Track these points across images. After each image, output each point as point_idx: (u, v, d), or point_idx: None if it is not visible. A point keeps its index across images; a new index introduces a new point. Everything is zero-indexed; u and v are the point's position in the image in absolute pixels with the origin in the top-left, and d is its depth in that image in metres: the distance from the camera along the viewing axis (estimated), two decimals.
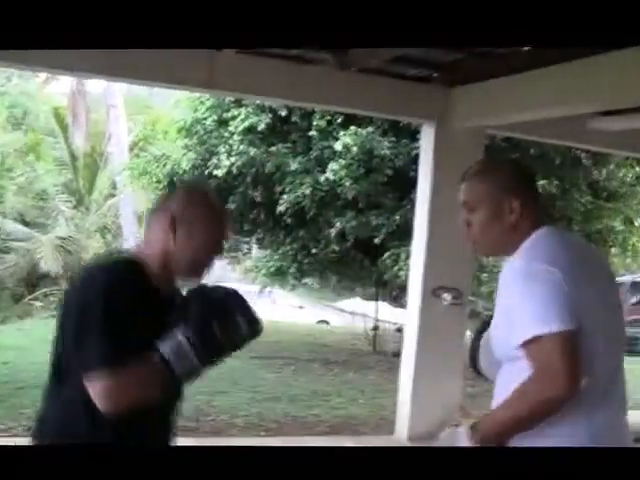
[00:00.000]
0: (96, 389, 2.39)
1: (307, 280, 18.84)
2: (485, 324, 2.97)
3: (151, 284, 2.61)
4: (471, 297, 26.16)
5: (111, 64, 6.50)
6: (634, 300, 21.91)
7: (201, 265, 2.70)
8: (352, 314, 21.81)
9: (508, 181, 2.79)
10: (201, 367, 2.51)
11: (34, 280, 22.93)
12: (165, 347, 2.44)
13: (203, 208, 2.65)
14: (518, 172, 2.90)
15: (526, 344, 2.48)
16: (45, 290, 22.61)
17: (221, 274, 30.55)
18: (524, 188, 2.81)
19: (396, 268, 11.55)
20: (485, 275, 19.04)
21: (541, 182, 11.48)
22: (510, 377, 2.60)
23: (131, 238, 20.72)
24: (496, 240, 2.80)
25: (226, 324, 2.51)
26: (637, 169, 13.14)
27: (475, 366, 3.05)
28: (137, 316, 2.47)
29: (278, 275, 13.40)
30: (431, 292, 7.91)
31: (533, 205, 2.78)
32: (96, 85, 25.07)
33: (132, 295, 2.49)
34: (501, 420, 2.59)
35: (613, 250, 14.04)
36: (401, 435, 8.14)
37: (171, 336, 2.45)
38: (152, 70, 6.82)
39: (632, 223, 13.65)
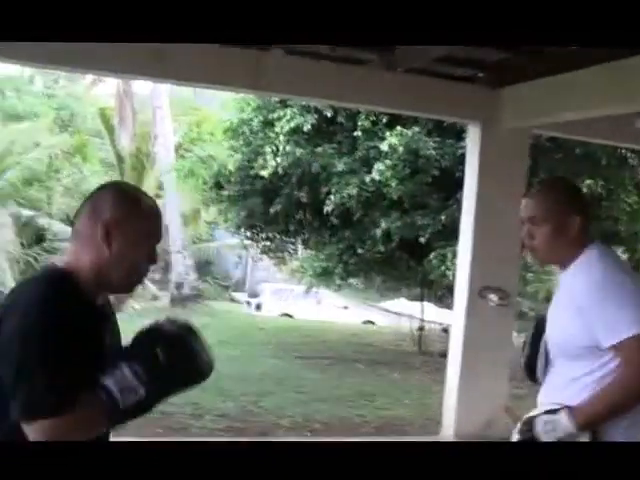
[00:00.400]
0: (38, 434, 2.17)
1: (352, 280, 18.85)
2: (538, 332, 3.29)
3: (85, 299, 2.35)
4: (517, 298, 25.95)
5: (158, 66, 6.54)
6: None
7: (139, 275, 2.50)
8: (398, 314, 21.76)
9: (570, 199, 3.21)
10: (150, 399, 2.29)
11: None
12: (110, 381, 2.24)
13: (138, 215, 2.42)
14: (577, 190, 3.41)
15: (621, 343, 2.89)
16: None
17: (267, 275, 30.67)
18: (583, 205, 3.25)
19: (442, 268, 11.51)
20: (530, 275, 18.93)
21: (587, 182, 11.39)
22: (572, 373, 3.05)
23: (178, 239, 20.80)
24: (557, 251, 3.18)
25: (173, 353, 2.30)
26: None
27: (533, 373, 3.28)
28: (75, 337, 2.22)
29: (324, 275, 13.42)
30: (477, 293, 7.86)
31: (588, 221, 3.18)
32: (142, 86, 25.21)
33: (68, 314, 2.25)
34: (601, 405, 2.94)
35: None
36: (447, 435, 8.10)
37: (116, 370, 2.25)
38: (199, 71, 6.85)
39: None
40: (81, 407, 2.17)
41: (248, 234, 14.52)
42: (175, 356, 2.30)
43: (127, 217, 2.37)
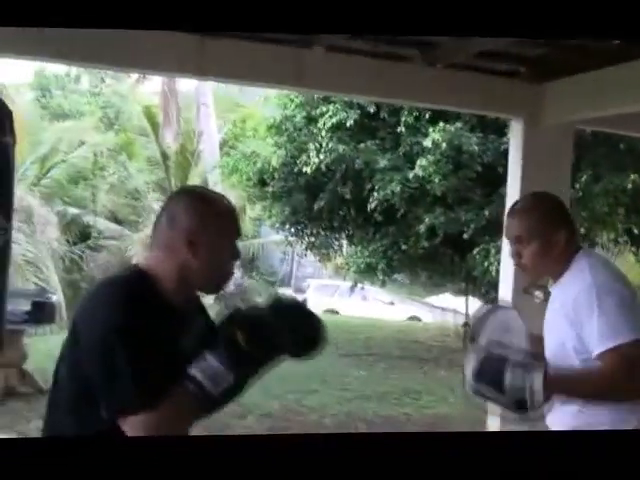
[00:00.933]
0: (134, 430, 2.21)
1: (397, 276, 18.77)
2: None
3: (166, 301, 2.40)
4: None
5: (200, 64, 6.54)
6: None
7: (226, 274, 2.53)
8: (443, 310, 21.68)
9: (554, 214, 3.28)
10: (240, 383, 2.35)
11: None
12: (196, 371, 2.27)
13: (215, 216, 2.45)
14: (559, 204, 3.41)
15: (607, 352, 2.94)
16: None
17: (313, 271, 30.71)
18: (567, 219, 3.33)
19: (486, 264, 11.43)
20: None
21: (631, 177, 11.24)
22: None
23: None
24: (546, 267, 3.23)
25: (253, 335, 2.32)
26: None
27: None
28: (158, 337, 2.28)
29: (368, 271, 13.39)
30: (522, 289, 7.79)
31: (573, 232, 3.27)
32: (187, 84, 25.34)
33: (147, 314, 2.31)
34: (580, 378, 3.05)
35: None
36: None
37: (200, 358, 2.29)
38: (241, 68, 6.85)
39: None
40: (171, 399, 2.21)
41: (292, 230, 14.51)
42: (256, 337, 2.31)
43: (205, 222, 2.41)
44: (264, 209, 15.26)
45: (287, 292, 30.18)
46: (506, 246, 4.10)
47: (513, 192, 8.14)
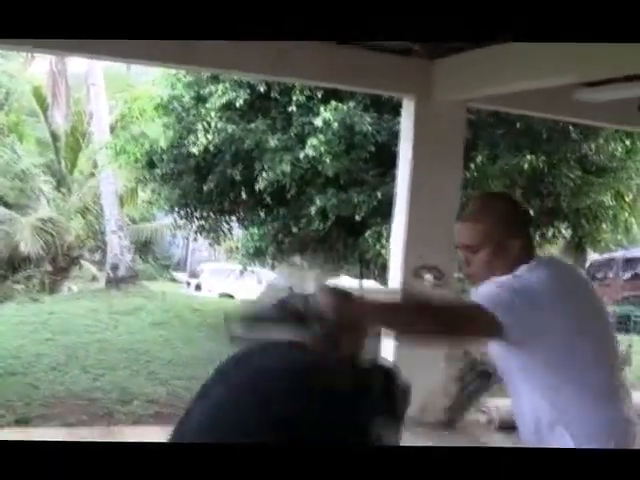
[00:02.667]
0: None
1: (295, 259, 18.59)
2: None
3: None
4: (460, 275, 26.04)
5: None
6: (627, 276, 21.85)
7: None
8: None
9: (506, 221, 3.01)
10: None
11: (16, 263, 22.64)
12: None
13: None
14: (513, 209, 3.14)
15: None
16: (27, 273, 22.35)
17: (209, 255, 30.36)
18: (521, 225, 3.08)
19: (377, 246, 11.28)
20: None
21: (528, 157, 11.22)
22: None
23: (112, 219, 20.32)
24: (495, 275, 2.94)
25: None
26: (627, 142, 12.83)
27: None
28: None
29: (258, 255, 13.11)
30: (412, 272, 7.63)
31: (530, 241, 3.10)
32: (77, 64, 24.62)
33: None
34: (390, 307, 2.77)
35: (604, 226, 13.76)
36: None
37: None
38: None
39: (623, 198, 13.34)
40: None
41: (182, 213, 14.15)
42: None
43: None
44: (153, 192, 14.86)
45: (183, 276, 29.90)
46: (394, 233, 4.04)
47: (404, 172, 8.00)
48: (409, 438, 6.91)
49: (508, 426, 8.12)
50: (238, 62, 7.22)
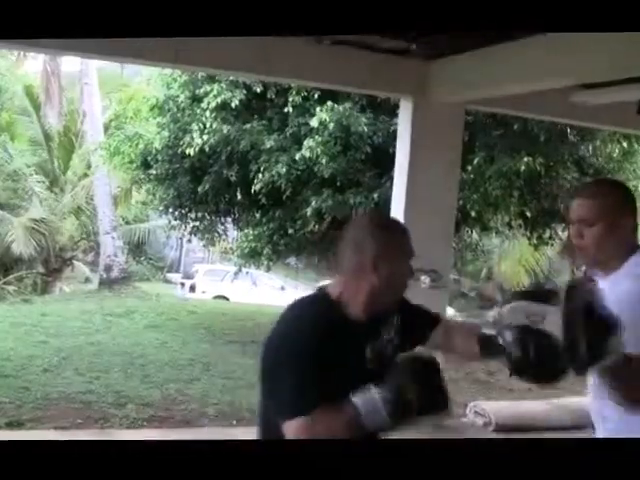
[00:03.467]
0: (289, 433, 2.52)
1: (290, 260, 18.54)
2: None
3: (347, 321, 2.73)
4: (456, 277, 25.90)
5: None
6: None
7: (403, 289, 2.85)
8: None
9: (624, 201, 3.21)
10: (390, 426, 2.49)
11: (7, 264, 22.56)
12: (360, 401, 2.48)
13: (395, 241, 2.77)
14: (629, 193, 3.35)
15: None
16: (19, 274, 22.28)
17: (204, 256, 30.30)
18: (633, 209, 3.22)
19: None
20: (470, 254, 18.83)
21: (525, 159, 11.16)
22: None
23: (106, 220, 20.25)
24: (606, 252, 3.15)
25: (421, 394, 2.50)
26: (624, 144, 12.81)
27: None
28: (331, 357, 2.56)
29: (253, 256, 13.04)
30: None
31: (636, 223, 3.23)
32: (71, 63, 24.55)
33: (320, 332, 2.63)
34: None
35: None
36: None
37: (367, 392, 2.49)
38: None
39: None
40: (325, 414, 2.49)
41: (176, 214, 14.08)
42: (422, 398, 2.50)
43: (387, 247, 2.71)
44: (148, 192, 14.78)
45: (177, 277, 29.81)
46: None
47: (401, 173, 7.92)
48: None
49: (504, 429, 8.10)
50: (232, 61, 7.13)
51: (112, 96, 24.85)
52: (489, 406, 8.56)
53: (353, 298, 2.75)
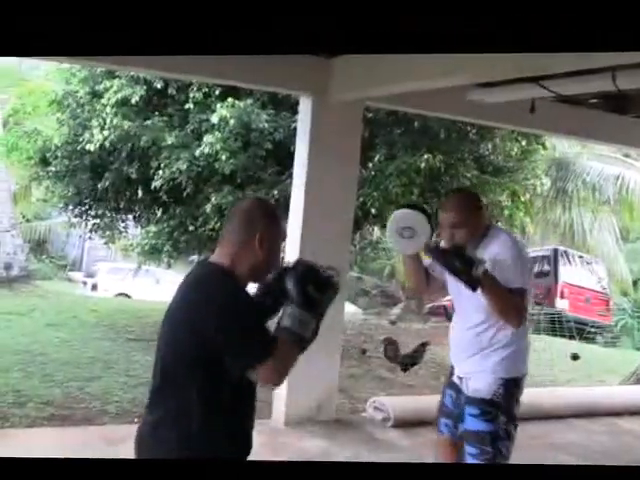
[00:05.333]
0: (268, 372, 3.11)
1: (193, 258, 18.47)
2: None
3: (244, 287, 3.30)
4: (359, 275, 25.99)
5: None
6: None
7: (276, 267, 3.42)
8: None
9: (476, 205, 4.82)
10: (317, 322, 3.22)
11: None
12: (288, 322, 3.15)
13: (277, 224, 3.37)
14: (477, 196, 5.11)
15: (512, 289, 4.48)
16: None
17: (106, 254, 29.94)
18: (483, 208, 4.95)
19: None
20: (373, 252, 18.95)
21: (425, 156, 11.30)
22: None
23: (4, 217, 19.86)
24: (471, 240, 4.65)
25: (317, 285, 3.23)
26: (523, 143, 13.07)
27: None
28: (255, 311, 3.26)
29: (153, 253, 12.94)
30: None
31: (485, 215, 4.95)
32: None
33: (247, 296, 3.28)
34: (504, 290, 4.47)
35: (500, 225, 14.00)
36: (278, 420, 7.89)
37: (288, 313, 3.18)
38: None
39: (519, 198, 13.58)
40: (279, 348, 3.10)
41: (77, 211, 13.89)
42: (319, 287, 3.25)
43: (272, 227, 3.31)
44: (47, 189, 14.57)
45: (79, 276, 29.44)
46: (290, 231, 4.62)
47: (300, 170, 7.98)
48: (305, 437, 6.90)
49: (403, 424, 8.21)
50: (134, 58, 7.08)
51: (10, 90, 24.33)
52: (388, 401, 8.65)
53: (240, 268, 3.24)
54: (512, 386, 4.67)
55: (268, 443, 6.94)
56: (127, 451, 3.35)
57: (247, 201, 4.10)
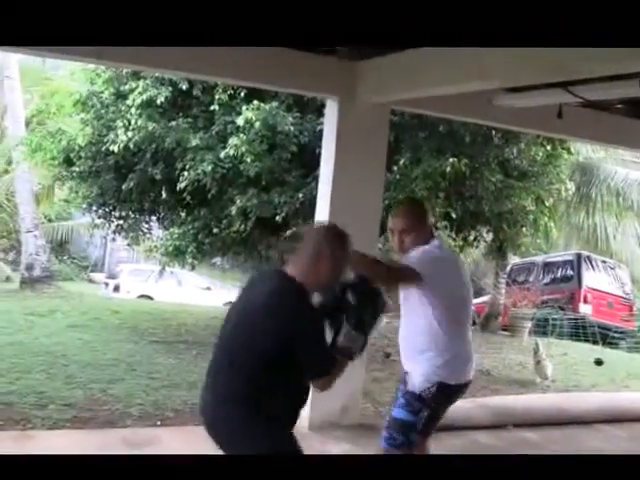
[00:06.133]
0: (325, 381, 3.83)
1: (216, 260, 18.45)
2: None
3: None
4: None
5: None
6: (546, 280, 22.13)
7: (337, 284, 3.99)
8: None
9: (424, 213, 5.36)
10: (366, 339, 3.89)
11: None
12: (345, 343, 3.82)
13: (347, 250, 3.94)
14: (424, 206, 5.75)
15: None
16: None
17: (128, 255, 29.99)
18: (429, 216, 5.43)
19: None
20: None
21: (450, 160, 11.24)
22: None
23: (27, 218, 19.89)
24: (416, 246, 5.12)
25: (373, 312, 3.92)
26: (548, 148, 12.98)
27: None
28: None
29: (177, 255, 12.91)
30: None
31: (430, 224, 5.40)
32: None
33: (317, 310, 3.86)
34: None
35: (524, 230, 13.94)
36: (302, 424, 7.81)
37: (345, 333, 3.82)
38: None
39: (543, 203, 13.51)
40: (340, 362, 3.84)
41: (100, 212, 13.90)
42: (375, 315, 3.93)
43: (340, 251, 3.89)
44: (70, 190, 14.57)
45: (101, 277, 29.48)
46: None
47: (326, 173, 7.93)
48: (329, 441, 6.85)
49: None
50: (159, 59, 7.06)
51: (34, 90, 24.39)
52: None
53: (308, 283, 3.79)
54: (445, 389, 5.03)
55: None
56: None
57: (320, 226, 4.40)
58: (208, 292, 25.16)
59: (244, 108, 10.93)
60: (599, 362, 12.70)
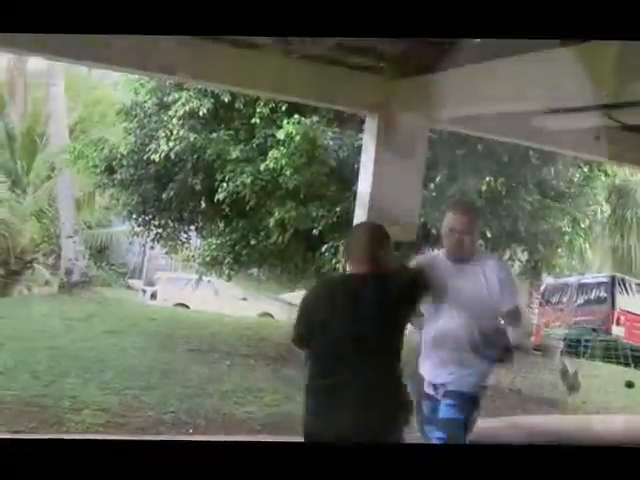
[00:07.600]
0: None
1: (253, 271, 18.51)
2: None
3: None
4: None
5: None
6: (580, 301, 22.02)
7: None
8: (294, 306, 21.42)
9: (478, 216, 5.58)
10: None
11: None
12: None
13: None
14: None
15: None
16: None
17: (166, 263, 30.13)
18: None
19: (334, 261, 11.26)
20: None
21: (487, 179, 11.25)
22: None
23: (68, 223, 20.10)
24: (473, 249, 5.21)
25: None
26: (585, 169, 12.96)
27: None
28: None
29: (214, 265, 13.02)
30: None
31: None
32: (37, 62, 24.26)
33: None
34: None
35: (559, 251, 13.91)
36: None
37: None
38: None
39: (579, 224, 13.47)
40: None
41: (140, 220, 14.05)
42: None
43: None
44: (111, 197, 14.75)
45: (139, 284, 29.62)
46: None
47: (364, 189, 7.97)
48: None
49: None
50: (201, 71, 7.16)
51: (78, 98, 24.62)
52: None
53: None
54: None
55: None
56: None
57: (371, 224, 5.39)
58: (244, 302, 25.22)
59: (285, 122, 11.03)
60: (630, 385, 12.64)
